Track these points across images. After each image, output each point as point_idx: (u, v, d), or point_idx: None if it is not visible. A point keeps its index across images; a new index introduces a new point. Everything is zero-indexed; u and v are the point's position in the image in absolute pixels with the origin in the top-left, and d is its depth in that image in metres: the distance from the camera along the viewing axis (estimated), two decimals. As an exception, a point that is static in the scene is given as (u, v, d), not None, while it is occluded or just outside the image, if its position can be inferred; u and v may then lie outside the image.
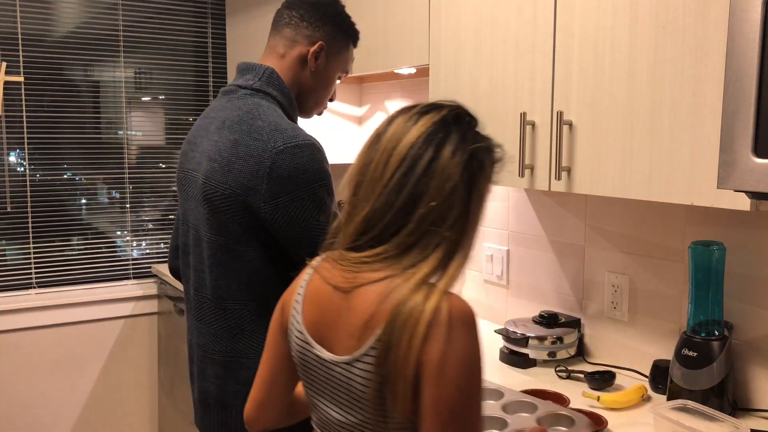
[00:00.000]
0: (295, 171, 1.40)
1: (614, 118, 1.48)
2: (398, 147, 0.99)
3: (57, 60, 3.02)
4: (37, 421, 3.03)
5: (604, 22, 1.48)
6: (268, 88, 1.53)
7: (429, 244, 0.97)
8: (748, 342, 1.61)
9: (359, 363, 0.97)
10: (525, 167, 1.69)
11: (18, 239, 3.00)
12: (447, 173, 0.97)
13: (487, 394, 1.61)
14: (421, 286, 0.94)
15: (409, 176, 0.97)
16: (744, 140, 1.05)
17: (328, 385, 1.03)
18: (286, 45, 1.58)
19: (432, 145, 0.98)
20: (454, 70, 1.90)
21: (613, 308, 1.91)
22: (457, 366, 0.91)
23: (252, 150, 1.42)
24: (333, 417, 1.04)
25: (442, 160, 0.98)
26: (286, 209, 1.41)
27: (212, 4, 3.34)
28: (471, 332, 0.93)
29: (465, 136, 1.02)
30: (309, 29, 1.57)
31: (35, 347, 3.00)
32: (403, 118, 1.03)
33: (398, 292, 0.94)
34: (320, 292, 1.05)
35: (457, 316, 0.93)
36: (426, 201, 0.96)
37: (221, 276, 1.50)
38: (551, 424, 1.50)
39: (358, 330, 0.97)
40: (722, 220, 1.63)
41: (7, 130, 2.94)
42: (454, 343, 0.91)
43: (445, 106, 1.05)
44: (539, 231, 2.15)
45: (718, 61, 1.26)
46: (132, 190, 3.24)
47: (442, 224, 0.97)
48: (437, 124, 1.01)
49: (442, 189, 0.97)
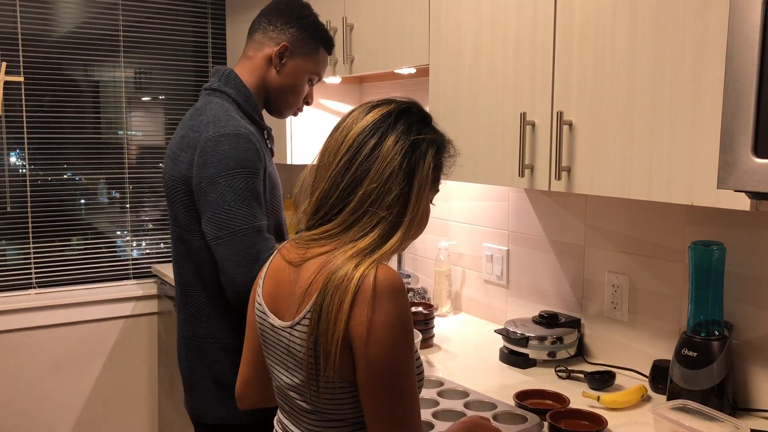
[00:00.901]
0: (217, 157, 1.49)
1: (614, 118, 1.48)
2: (348, 135, 1.10)
3: (57, 60, 3.02)
4: (38, 421, 3.04)
5: (604, 22, 1.48)
6: (225, 87, 1.64)
7: (369, 223, 1.07)
8: (748, 342, 1.61)
9: (298, 326, 1.07)
10: (525, 167, 1.69)
11: (18, 239, 3.00)
12: (387, 159, 1.07)
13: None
14: (353, 258, 1.04)
15: (353, 161, 1.08)
16: (744, 140, 1.05)
17: (278, 350, 1.13)
18: (255, 48, 1.69)
19: (377, 133, 1.09)
20: (454, 70, 1.90)
21: (613, 308, 1.91)
22: (382, 329, 1.00)
23: (191, 141, 1.55)
24: (283, 380, 1.14)
25: (385, 147, 1.08)
26: (206, 193, 1.50)
27: (212, 4, 3.34)
28: (396, 299, 1.02)
29: (410, 127, 1.11)
30: (275, 32, 1.67)
31: (35, 347, 3.00)
32: (359, 110, 1.14)
33: (333, 263, 1.04)
34: (278, 268, 1.16)
35: (383, 283, 1.01)
36: (366, 183, 1.07)
37: (181, 265, 1.64)
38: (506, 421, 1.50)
39: (299, 297, 1.08)
40: (722, 220, 1.63)
41: (7, 130, 2.94)
42: (378, 308, 1.00)
43: (396, 101, 1.15)
44: (539, 231, 2.15)
45: (718, 61, 1.26)
46: (132, 190, 3.24)
47: (380, 205, 1.07)
48: (384, 116, 1.11)
49: (382, 173, 1.07)
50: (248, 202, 1.48)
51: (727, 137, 1.07)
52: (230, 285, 1.48)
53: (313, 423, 1.12)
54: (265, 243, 1.50)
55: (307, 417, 1.12)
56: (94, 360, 3.14)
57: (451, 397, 1.64)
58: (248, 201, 1.48)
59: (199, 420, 1.64)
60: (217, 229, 1.48)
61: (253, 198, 1.49)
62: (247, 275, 1.46)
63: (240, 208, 1.47)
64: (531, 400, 1.62)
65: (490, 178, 1.81)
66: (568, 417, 1.52)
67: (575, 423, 1.50)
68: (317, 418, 1.11)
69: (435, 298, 2.46)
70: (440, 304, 2.43)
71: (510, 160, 1.73)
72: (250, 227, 1.48)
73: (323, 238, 1.09)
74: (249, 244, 1.47)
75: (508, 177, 1.75)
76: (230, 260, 1.47)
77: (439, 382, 1.72)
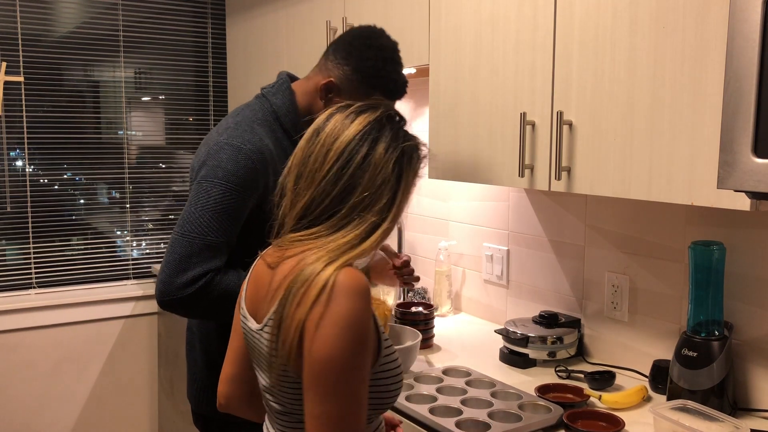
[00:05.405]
0: (213, 162, 1.47)
1: (614, 118, 1.48)
2: (336, 142, 1.09)
3: (57, 60, 3.02)
4: (37, 421, 3.03)
5: (604, 22, 1.48)
6: (273, 96, 1.61)
7: (356, 226, 1.07)
8: (748, 342, 1.61)
9: (266, 327, 1.08)
10: (525, 167, 1.69)
11: (18, 239, 3.00)
12: (379, 167, 1.08)
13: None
14: (325, 257, 1.03)
15: (345, 169, 1.08)
16: (744, 140, 1.05)
17: (256, 353, 1.15)
18: (315, 71, 1.64)
19: (367, 141, 1.09)
20: (454, 70, 1.90)
21: (613, 308, 1.91)
22: (330, 327, 0.99)
23: (209, 139, 1.56)
24: (261, 382, 1.15)
25: (376, 155, 1.09)
26: (191, 189, 1.50)
27: (212, 4, 3.34)
28: (352, 299, 1.00)
29: (397, 134, 1.12)
30: (332, 64, 1.59)
31: (35, 347, 3.00)
32: (341, 115, 1.13)
33: (303, 263, 1.04)
34: (258, 271, 1.17)
35: (343, 283, 1.00)
36: (359, 191, 1.07)
37: None
38: None
39: (270, 298, 1.09)
40: (722, 220, 1.63)
41: (7, 130, 2.94)
42: (332, 306, 0.99)
43: (379, 107, 1.15)
44: (539, 231, 2.15)
45: (718, 61, 1.26)
46: (132, 190, 3.24)
47: (371, 210, 1.08)
48: (372, 123, 1.11)
49: (375, 181, 1.08)
50: (216, 214, 1.43)
51: (727, 137, 1.07)
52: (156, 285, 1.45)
53: (285, 424, 1.13)
54: (206, 260, 1.41)
55: (280, 418, 1.13)
56: (94, 360, 3.14)
57: (478, 386, 1.70)
58: (217, 213, 1.43)
59: (198, 410, 1.66)
60: (177, 225, 1.45)
61: (224, 212, 1.43)
62: (165, 282, 1.40)
63: (203, 215, 1.42)
64: (552, 394, 1.65)
65: (490, 178, 1.81)
66: (584, 418, 1.52)
67: (592, 424, 1.50)
68: (289, 419, 1.12)
69: (435, 298, 2.46)
70: (440, 304, 2.43)
71: (510, 160, 1.73)
72: (198, 237, 1.41)
73: (309, 239, 1.08)
74: (186, 253, 1.41)
75: (508, 177, 1.75)
76: (165, 259, 1.43)
77: (467, 372, 1.80)
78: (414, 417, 1.55)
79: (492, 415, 1.52)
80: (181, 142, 3.38)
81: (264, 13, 2.90)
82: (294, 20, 2.67)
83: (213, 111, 3.42)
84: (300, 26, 2.63)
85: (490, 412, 1.54)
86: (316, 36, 2.51)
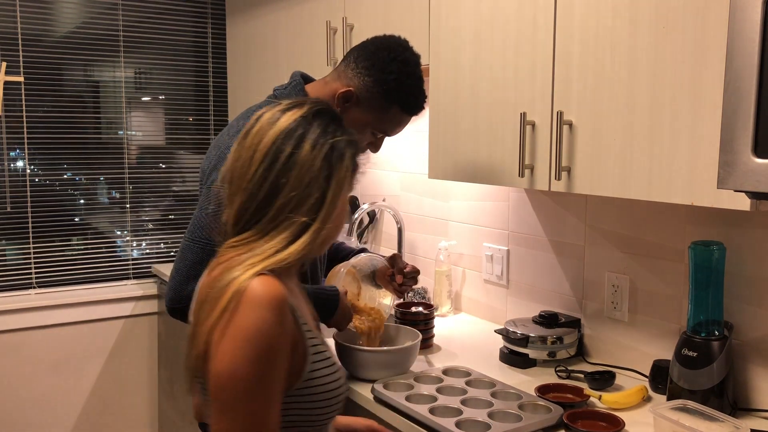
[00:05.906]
0: (216, 165, 1.45)
1: (614, 118, 1.48)
2: (261, 143, 1.05)
3: (57, 60, 3.02)
4: (37, 421, 3.04)
5: (604, 22, 1.48)
6: (284, 96, 1.59)
7: (285, 228, 1.03)
8: (748, 342, 1.61)
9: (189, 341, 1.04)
10: (525, 167, 1.69)
11: (18, 239, 3.00)
12: (306, 165, 1.04)
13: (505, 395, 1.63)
14: (245, 263, 1.00)
15: (270, 170, 1.04)
16: (744, 140, 1.05)
17: None
18: (333, 77, 1.61)
19: (292, 139, 1.05)
20: (454, 70, 1.90)
21: (613, 308, 1.91)
22: (231, 339, 0.95)
23: (219, 140, 1.54)
24: None
25: (302, 153, 1.04)
26: (200, 193, 1.49)
27: (212, 4, 3.34)
28: (258, 311, 0.96)
29: (326, 129, 1.08)
30: (352, 72, 1.57)
31: (35, 347, 3.00)
32: (268, 115, 1.09)
33: (227, 269, 1.01)
34: (204, 279, 1.12)
35: (252, 293, 0.96)
36: (286, 192, 1.03)
37: None
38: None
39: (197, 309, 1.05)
40: (722, 220, 1.63)
41: (7, 130, 2.94)
42: (236, 318, 0.95)
43: (307, 103, 1.11)
44: (539, 231, 2.15)
45: (718, 61, 1.26)
46: (132, 190, 3.24)
47: (299, 210, 1.04)
48: (298, 121, 1.07)
49: (302, 180, 1.03)
50: None
51: (727, 137, 1.07)
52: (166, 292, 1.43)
53: None
54: None
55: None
56: (94, 360, 3.14)
57: (478, 386, 1.69)
58: None
59: None
60: (187, 231, 1.43)
61: None
62: (175, 290, 1.39)
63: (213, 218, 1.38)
64: (552, 394, 1.64)
65: (490, 178, 1.81)
66: (584, 418, 1.52)
67: (592, 424, 1.50)
68: None
69: (435, 298, 2.46)
70: (440, 304, 2.43)
71: (510, 160, 1.73)
72: (207, 242, 1.37)
73: (241, 245, 1.05)
74: (198, 259, 1.38)
75: (508, 177, 1.75)
76: (175, 266, 1.41)
77: (467, 372, 1.79)
78: (414, 417, 1.55)
79: (492, 415, 1.52)
80: (181, 142, 3.38)
81: (264, 13, 2.90)
82: (294, 20, 2.67)
83: (213, 111, 3.42)
84: (300, 26, 2.63)
85: (490, 412, 1.54)
86: (316, 36, 2.51)
